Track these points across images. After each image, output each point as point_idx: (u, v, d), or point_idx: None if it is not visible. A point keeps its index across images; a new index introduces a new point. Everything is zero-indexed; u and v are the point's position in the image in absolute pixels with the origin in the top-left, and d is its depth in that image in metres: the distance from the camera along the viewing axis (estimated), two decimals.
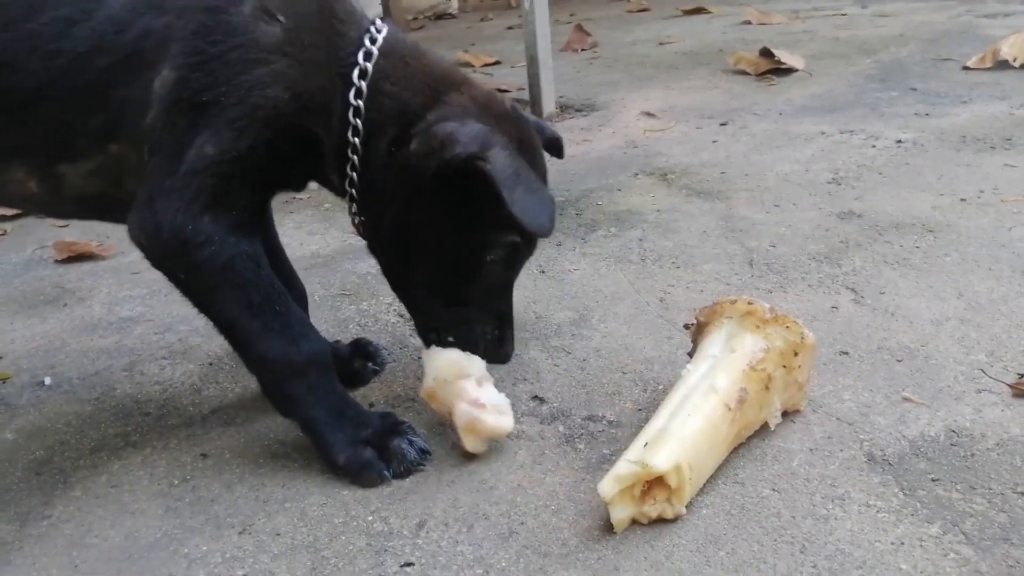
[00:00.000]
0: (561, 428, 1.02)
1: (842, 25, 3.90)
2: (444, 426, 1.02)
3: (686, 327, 1.21)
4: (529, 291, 1.41)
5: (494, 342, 1.05)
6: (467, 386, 0.97)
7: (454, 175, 0.93)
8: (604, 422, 1.02)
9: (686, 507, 0.84)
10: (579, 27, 4.02)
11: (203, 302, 0.96)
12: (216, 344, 1.32)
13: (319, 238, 1.76)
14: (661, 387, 1.08)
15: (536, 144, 1.06)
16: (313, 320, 1.36)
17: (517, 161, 0.93)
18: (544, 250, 1.55)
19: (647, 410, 1.02)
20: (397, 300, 1.41)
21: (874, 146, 2.02)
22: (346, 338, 1.28)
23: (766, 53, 2.99)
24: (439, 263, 1.01)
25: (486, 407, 0.95)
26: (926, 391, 1.02)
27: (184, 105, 0.90)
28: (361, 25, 1.01)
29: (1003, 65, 2.67)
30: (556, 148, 1.19)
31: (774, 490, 0.87)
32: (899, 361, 1.09)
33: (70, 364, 1.31)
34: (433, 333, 1.05)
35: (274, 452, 1.02)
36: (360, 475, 0.95)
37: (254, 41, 0.92)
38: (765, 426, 0.94)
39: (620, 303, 1.33)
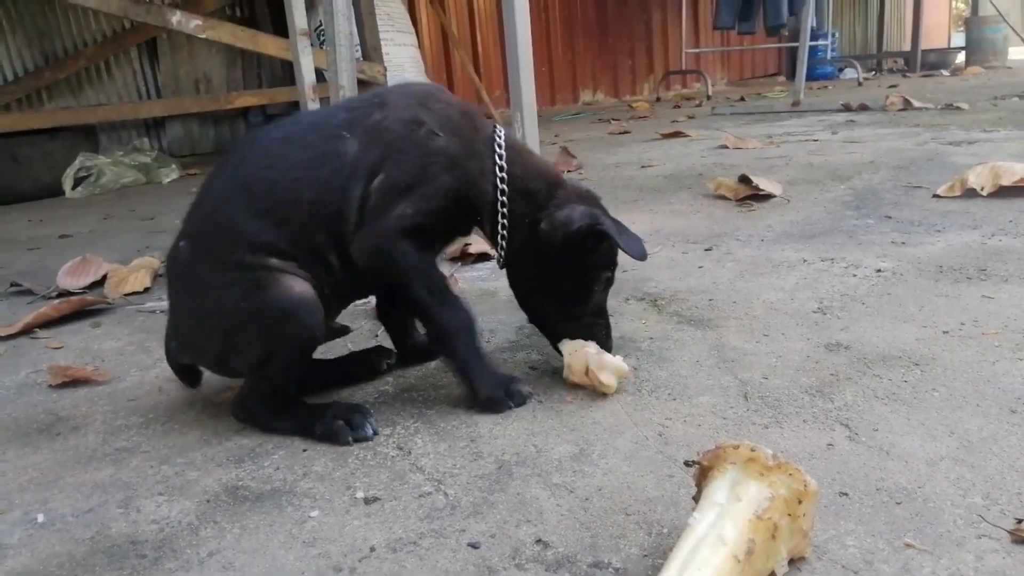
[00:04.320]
0: None
1: (815, 151, 4.10)
2: (580, 387, 1.51)
3: (687, 464, 1.23)
4: (527, 423, 1.42)
5: (603, 338, 1.56)
6: (590, 349, 1.49)
7: (574, 240, 1.45)
8: (611, 570, 1.01)
9: None
10: (565, 149, 4.20)
11: (404, 287, 1.44)
12: (213, 479, 1.31)
13: None
14: (665, 530, 1.08)
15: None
16: (311, 453, 1.37)
17: (614, 221, 1.49)
18: (541, 379, 1.58)
19: (652, 556, 1.03)
20: (395, 433, 1.43)
21: (855, 275, 2.09)
22: (349, 475, 1.27)
23: (744, 179, 3.13)
24: (564, 293, 1.54)
25: (606, 355, 1.48)
26: (927, 536, 1.03)
27: (392, 190, 1.40)
28: (488, 130, 1.51)
29: (972, 193, 2.81)
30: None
31: None
32: (898, 504, 1.10)
33: (64, 499, 1.29)
34: (561, 338, 1.55)
35: None
36: (495, 405, 1.45)
37: (428, 149, 1.43)
38: (772, 575, 0.95)
39: (619, 437, 1.35)
